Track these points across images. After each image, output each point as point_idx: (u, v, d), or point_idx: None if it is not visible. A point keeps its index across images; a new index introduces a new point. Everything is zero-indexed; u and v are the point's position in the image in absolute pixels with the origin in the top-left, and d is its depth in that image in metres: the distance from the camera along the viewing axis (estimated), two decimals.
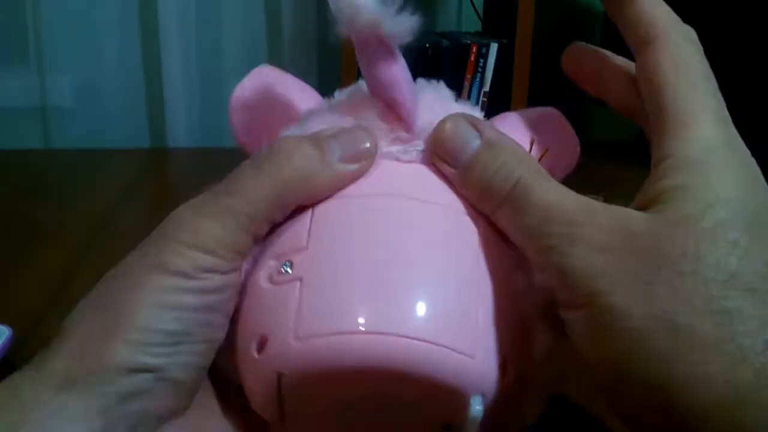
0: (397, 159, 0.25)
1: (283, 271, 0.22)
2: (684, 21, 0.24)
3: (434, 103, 0.26)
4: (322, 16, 1.38)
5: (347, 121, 0.25)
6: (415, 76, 0.27)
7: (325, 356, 0.21)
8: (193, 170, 0.71)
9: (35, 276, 0.47)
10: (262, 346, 0.22)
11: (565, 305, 0.21)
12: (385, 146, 0.25)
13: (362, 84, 0.27)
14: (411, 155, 0.25)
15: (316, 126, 0.25)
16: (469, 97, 1.46)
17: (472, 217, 0.23)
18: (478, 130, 0.24)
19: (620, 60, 0.25)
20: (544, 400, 0.24)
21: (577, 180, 0.31)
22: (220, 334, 0.23)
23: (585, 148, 0.29)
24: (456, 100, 0.28)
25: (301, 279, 0.22)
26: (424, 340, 0.20)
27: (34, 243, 0.52)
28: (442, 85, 0.28)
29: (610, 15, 0.25)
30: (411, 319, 0.21)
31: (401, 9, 0.23)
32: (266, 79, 0.29)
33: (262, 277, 0.23)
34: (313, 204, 0.24)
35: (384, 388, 0.21)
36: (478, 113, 0.26)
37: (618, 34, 0.24)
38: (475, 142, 0.23)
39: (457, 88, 1.59)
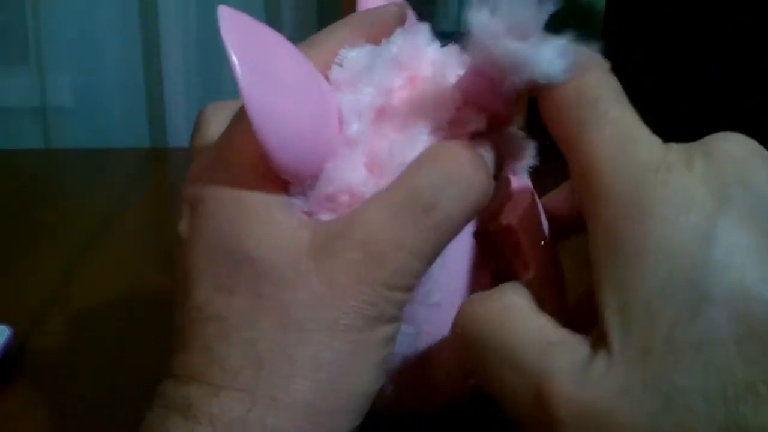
0: None
1: None
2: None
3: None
4: (322, 16, 1.38)
5: (460, 129, 0.24)
6: None
7: None
8: None
9: (35, 276, 0.47)
10: (469, 376, 0.25)
11: None
12: None
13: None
14: None
15: (427, 131, 0.24)
16: None
17: None
18: None
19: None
20: None
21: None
22: None
23: None
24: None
25: None
26: None
27: (34, 243, 0.52)
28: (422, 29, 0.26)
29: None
30: None
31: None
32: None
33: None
34: None
35: None
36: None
37: (619, 34, 0.24)
38: None
39: None
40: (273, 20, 1.43)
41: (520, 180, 0.27)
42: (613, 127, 0.20)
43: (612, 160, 0.20)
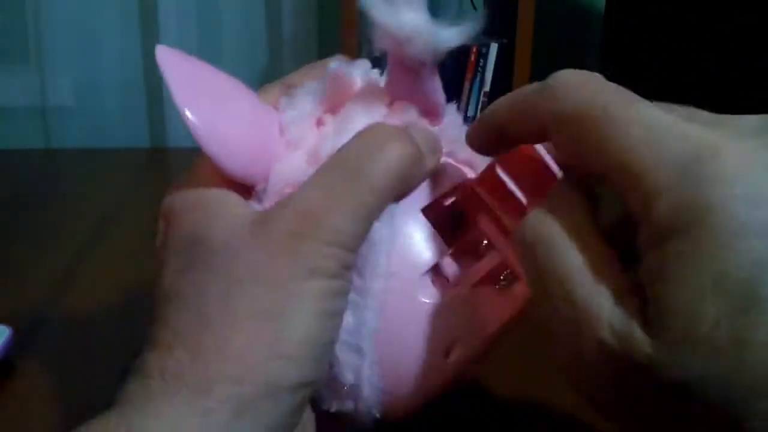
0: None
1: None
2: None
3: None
4: (322, 16, 1.38)
5: (393, 121, 0.27)
6: None
7: None
8: None
9: (35, 276, 0.47)
10: (450, 351, 0.26)
11: None
12: None
13: (369, 82, 0.28)
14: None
15: (360, 122, 0.26)
16: (469, 97, 1.46)
17: None
18: None
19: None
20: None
21: None
22: None
23: None
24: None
25: None
26: None
27: (34, 243, 0.52)
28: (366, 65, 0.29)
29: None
30: None
31: (446, 20, 0.24)
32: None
33: (419, 294, 0.25)
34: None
35: None
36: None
37: (618, 35, 0.24)
38: None
39: (457, 88, 1.59)
40: (273, 22, 1.43)
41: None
42: (635, 127, 0.20)
43: (647, 160, 0.19)
